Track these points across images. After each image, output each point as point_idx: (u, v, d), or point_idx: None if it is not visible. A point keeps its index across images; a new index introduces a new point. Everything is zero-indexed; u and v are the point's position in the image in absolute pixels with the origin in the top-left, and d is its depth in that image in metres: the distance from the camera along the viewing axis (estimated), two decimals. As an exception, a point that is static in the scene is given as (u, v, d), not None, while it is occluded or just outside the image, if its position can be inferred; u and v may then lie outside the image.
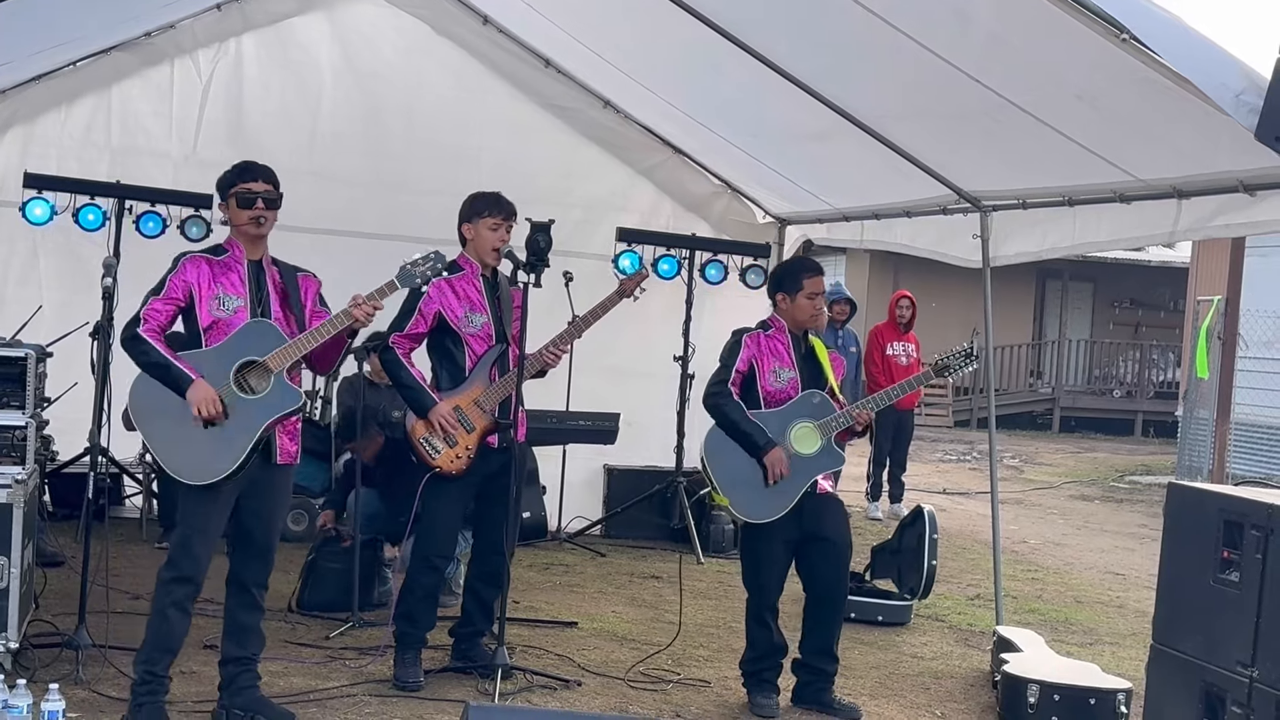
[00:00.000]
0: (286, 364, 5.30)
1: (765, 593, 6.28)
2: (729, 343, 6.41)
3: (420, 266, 5.55)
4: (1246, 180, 6.08)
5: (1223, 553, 5.21)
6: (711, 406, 6.25)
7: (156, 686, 5.30)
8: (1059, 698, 6.27)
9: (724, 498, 6.15)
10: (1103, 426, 26.72)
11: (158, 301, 5.26)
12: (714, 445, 6.23)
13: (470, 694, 6.00)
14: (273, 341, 5.31)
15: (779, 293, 6.43)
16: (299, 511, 9.39)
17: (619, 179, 10.83)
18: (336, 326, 5.34)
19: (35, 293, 9.08)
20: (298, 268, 5.58)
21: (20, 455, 5.89)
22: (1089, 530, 13.84)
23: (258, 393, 5.27)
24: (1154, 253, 25.58)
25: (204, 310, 5.30)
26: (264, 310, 5.38)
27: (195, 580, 5.32)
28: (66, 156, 9.51)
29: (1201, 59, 4.73)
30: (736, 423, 6.19)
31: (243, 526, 5.42)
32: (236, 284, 5.36)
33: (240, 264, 5.40)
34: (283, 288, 5.46)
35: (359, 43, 10.20)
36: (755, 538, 6.25)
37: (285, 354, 5.30)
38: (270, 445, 5.37)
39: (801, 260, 6.60)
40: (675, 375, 10.20)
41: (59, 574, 7.16)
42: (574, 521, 10.40)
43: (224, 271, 5.37)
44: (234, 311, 5.32)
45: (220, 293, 5.32)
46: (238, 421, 5.24)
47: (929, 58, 6.50)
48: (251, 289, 5.38)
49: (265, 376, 5.28)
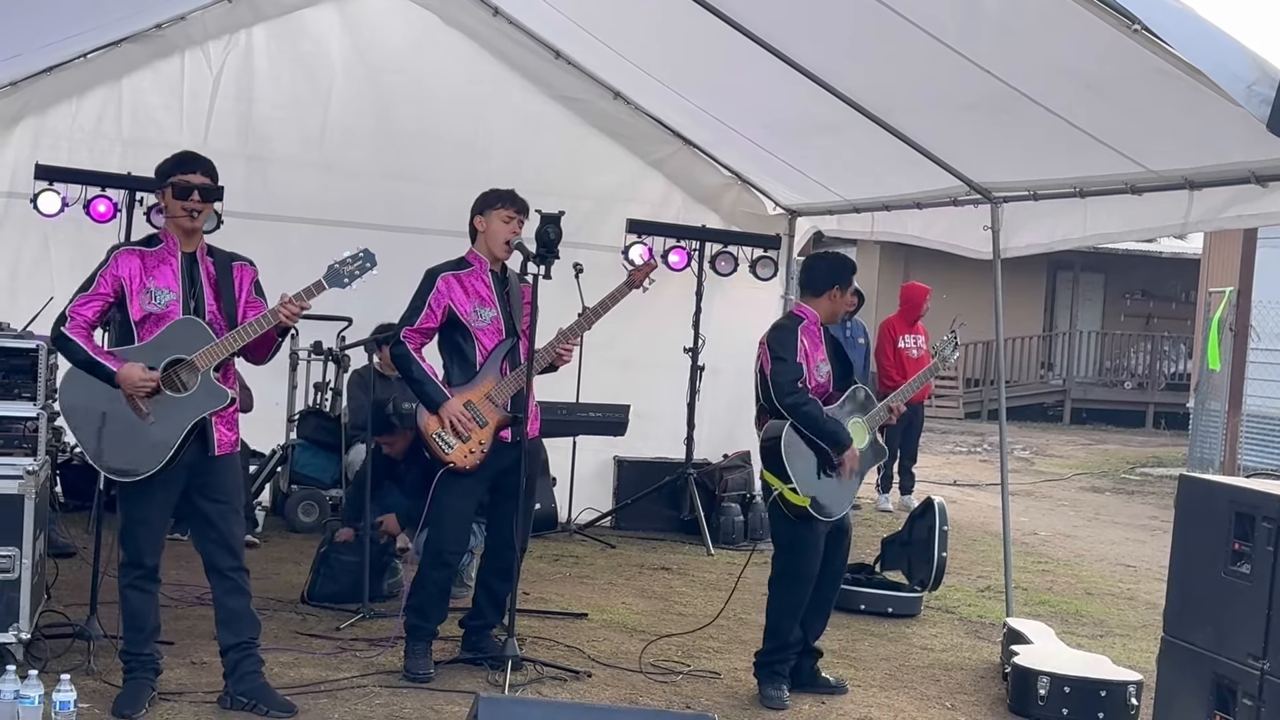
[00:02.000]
0: (213, 363, 5.33)
1: (810, 585, 6.32)
2: (780, 334, 6.32)
3: (349, 266, 5.51)
4: (1258, 171, 6.06)
5: (1234, 545, 5.21)
6: (791, 406, 6.15)
7: (135, 665, 5.44)
8: (1069, 689, 6.27)
9: (804, 498, 6.12)
10: (1114, 418, 26.68)
11: (84, 298, 5.33)
12: (792, 444, 6.17)
13: (480, 685, 6.01)
14: (201, 340, 5.33)
15: (835, 287, 6.39)
16: (309, 503, 9.41)
17: (629, 170, 10.82)
18: (262, 326, 5.36)
19: (47, 284, 9.08)
20: (234, 255, 5.59)
21: (32, 446, 5.89)
22: (1100, 522, 13.82)
23: (187, 389, 5.30)
24: (1165, 244, 25.52)
25: (135, 304, 5.33)
26: (197, 303, 5.39)
27: (143, 564, 5.43)
28: (78, 148, 9.54)
29: (1213, 49, 4.71)
30: (820, 421, 6.17)
31: (199, 518, 5.51)
32: (169, 277, 5.37)
33: (174, 256, 5.41)
34: (216, 280, 5.46)
35: (369, 35, 10.19)
36: (811, 532, 6.24)
37: (212, 353, 5.32)
38: (207, 438, 5.40)
39: (845, 257, 6.58)
40: (685, 367, 10.21)
41: (70, 565, 7.18)
42: (584, 513, 10.41)
43: (156, 264, 5.38)
44: (166, 306, 5.34)
45: (152, 285, 5.34)
46: (164, 419, 5.28)
47: (940, 49, 6.48)
48: (184, 282, 5.39)
49: (194, 374, 5.31)
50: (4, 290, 9.35)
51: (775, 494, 6.18)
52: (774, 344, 6.27)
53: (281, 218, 9.66)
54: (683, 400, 10.29)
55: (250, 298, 5.54)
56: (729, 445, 11.06)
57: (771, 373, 6.21)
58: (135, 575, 5.43)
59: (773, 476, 6.21)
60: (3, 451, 5.81)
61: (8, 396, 5.87)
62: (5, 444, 5.83)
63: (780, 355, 6.23)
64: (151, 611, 5.51)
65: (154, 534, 5.46)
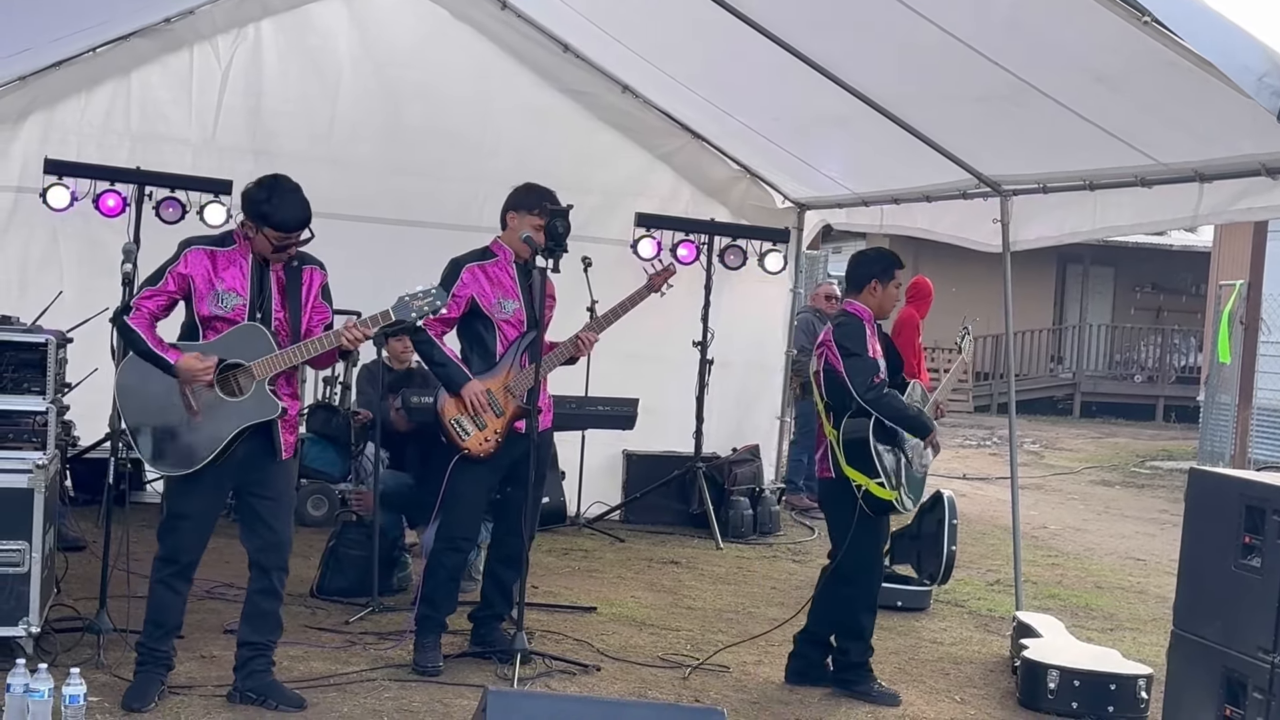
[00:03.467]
0: (271, 373, 5.32)
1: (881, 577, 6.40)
2: (847, 329, 6.25)
3: (419, 300, 5.51)
4: (1269, 164, 6.05)
5: (1244, 538, 5.19)
6: (874, 400, 6.09)
7: (148, 659, 5.43)
8: (1079, 683, 6.27)
9: (891, 492, 6.12)
10: (1124, 412, 26.62)
11: (151, 291, 5.33)
12: (878, 439, 6.13)
13: (489, 679, 6.01)
14: (263, 348, 5.33)
15: (874, 280, 6.34)
16: (318, 497, 9.42)
17: (638, 164, 10.82)
18: (324, 346, 5.37)
19: (56, 278, 9.10)
20: (305, 256, 5.55)
21: (41, 440, 5.91)
22: (1110, 516, 13.80)
23: (242, 394, 5.31)
24: (1175, 237, 25.46)
25: (203, 304, 5.33)
26: (264, 308, 5.38)
27: (180, 561, 5.42)
28: (86, 143, 9.54)
29: (1223, 41, 4.69)
30: (903, 410, 6.19)
31: (253, 515, 5.49)
32: (238, 280, 5.36)
33: (245, 259, 5.40)
34: (285, 286, 5.45)
35: (377, 29, 10.19)
36: (884, 526, 6.31)
37: (271, 364, 5.32)
38: (273, 442, 5.41)
39: (889, 252, 6.53)
40: (694, 360, 10.20)
41: (80, 559, 7.18)
42: (593, 507, 10.41)
43: (227, 265, 5.37)
44: (233, 309, 5.34)
45: (221, 288, 5.33)
46: (213, 421, 5.29)
47: (949, 41, 6.47)
48: (254, 287, 5.38)
49: (251, 381, 5.31)
50: (13, 285, 9.36)
51: (861, 491, 6.11)
52: (843, 340, 6.20)
53: (290, 212, 9.67)
54: (691, 394, 10.29)
55: (317, 302, 5.54)
56: (738, 439, 11.06)
57: (847, 369, 6.13)
58: (168, 572, 5.42)
59: (858, 473, 6.13)
60: (12, 445, 5.83)
61: (17, 391, 5.89)
62: (15, 438, 5.85)
63: (854, 351, 6.16)
64: (177, 610, 5.50)
65: (194, 532, 5.44)
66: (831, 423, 6.24)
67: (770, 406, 11.43)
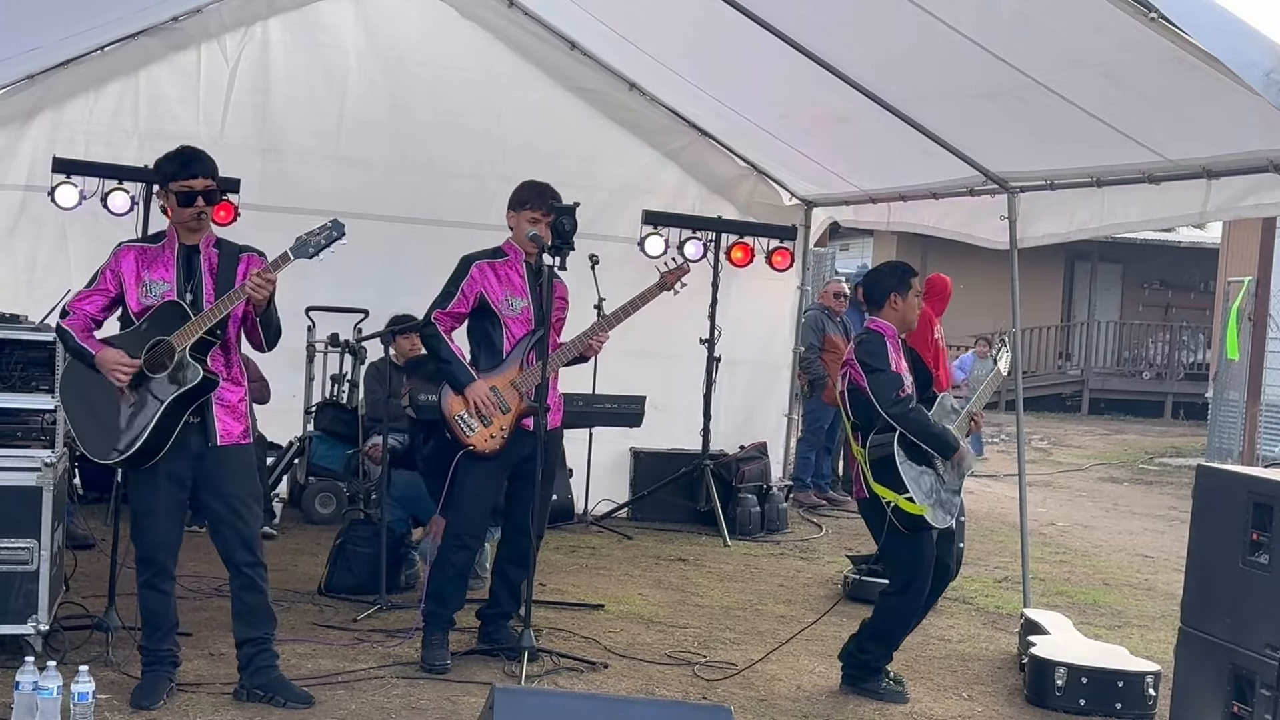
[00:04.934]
0: (189, 341, 5.28)
1: (924, 594, 6.30)
2: (869, 346, 6.19)
3: (316, 236, 5.42)
4: (1277, 160, 6.04)
5: (1252, 535, 5.18)
6: (899, 415, 6.03)
7: (153, 659, 5.46)
8: (1087, 680, 6.26)
9: (921, 507, 6.03)
10: (1132, 408, 26.59)
11: (86, 292, 5.41)
12: (904, 455, 6.06)
13: (497, 676, 6.01)
14: (181, 321, 5.32)
15: (892, 294, 6.27)
16: (326, 494, 9.43)
17: (645, 162, 10.82)
18: (232, 301, 5.31)
19: (64, 277, 9.06)
20: (245, 247, 5.57)
21: (49, 439, 5.92)
22: (1118, 513, 13.78)
23: (159, 371, 5.29)
24: (1184, 233, 25.43)
25: (133, 298, 5.38)
26: (194, 293, 5.38)
27: (155, 560, 5.42)
28: (94, 141, 9.56)
29: (1231, 37, 4.68)
30: (928, 426, 6.11)
31: (210, 513, 5.52)
32: (165, 270, 5.40)
33: (172, 251, 5.44)
34: (216, 269, 5.44)
35: (384, 27, 10.20)
36: (926, 543, 6.15)
37: (188, 331, 5.29)
38: (206, 427, 5.39)
39: (900, 263, 6.47)
40: (701, 358, 10.20)
41: (89, 556, 7.20)
42: (600, 504, 10.41)
43: (155, 258, 5.43)
44: (161, 297, 5.36)
45: (148, 279, 5.38)
46: (141, 400, 5.30)
47: (956, 38, 6.46)
48: (180, 272, 5.40)
49: (167, 356, 5.29)
50: (21, 283, 9.39)
51: (891, 507, 6.05)
52: (865, 357, 6.14)
53: (297, 210, 9.63)
54: (699, 391, 10.29)
55: None
56: (745, 436, 11.06)
57: (870, 385, 6.07)
58: (149, 574, 5.43)
59: (886, 489, 6.06)
60: (20, 444, 5.84)
61: (25, 389, 5.90)
62: (23, 436, 5.87)
63: (876, 367, 6.10)
64: (168, 611, 5.51)
65: (163, 528, 5.42)
66: (859, 442, 6.21)
67: (778, 404, 11.42)
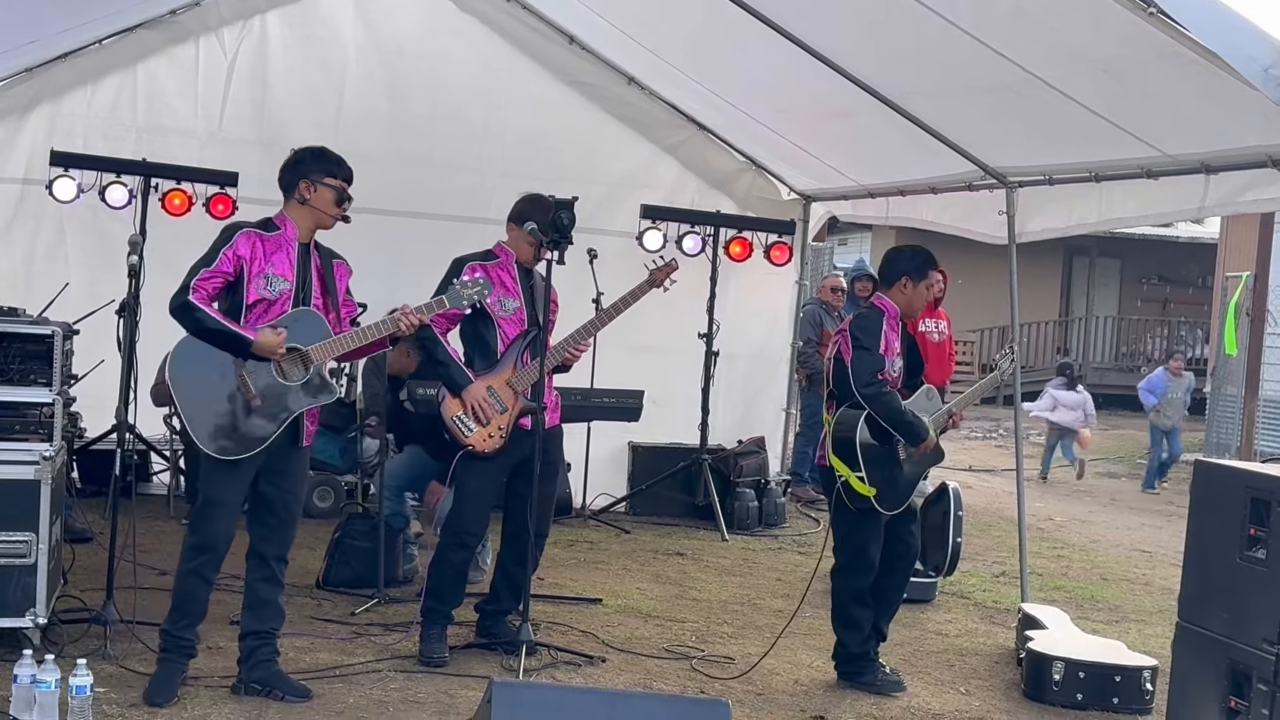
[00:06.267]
0: (328, 358, 5.35)
1: (873, 573, 6.30)
2: (865, 322, 6.22)
3: (469, 289, 5.69)
4: (1275, 155, 6.04)
5: (1249, 530, 5.18)
6: (871, 396, 6.06)
7: (172, 647, 5.40)
8: (1084, 675, 6.27)
9: (869, 488, 6.07)
10: (1130, 404, 26.53)
11: (207, 272, 5.24)
12: (866, 434, 6.10)
13: (495, 670, 6.02)
14: (319, 334, 5.33)
15: (904, 277, 6.28)
16: (324, 488, 9.43)
17: (643, 156, 10.81)
18: (380, 332, 5.40)
19: (62, 270, 9.12)
20: (333, 253, 5.58)
21: (48, 432, 5.91)
22: (1115, 507, 13.80)
23: (292, 379, 5.31)
24: (1182, 228, 25.40)
25: (251, 287, 5.29)
26: (305, 296, 5.37)
27: (213, 548, 5.39)
28: (93, 134, 9.55)
29: (1229, 32, 4.69)
30: (899, 413, 6.13)
31: (264, 502, 5.48)
32: (285, 266, 5.35)
33: (291, 245, 5.38)
34: (323, 274, 5.46)
35: (382, 19, 10.18)
36: (873, 523, 6.20)
37: (328, 349, 5.34)
38: (298, 428, 5.43)
39: (925, 250, 6.45)
40: (700, 352, 10.20)
41: (87, 550, 7.20)
42: (599, 499, 10.42)
43: (275, 250, 5.35)
44: (280, 294, 5.32)
45: (269, 271, 5.31)
46: (270, 404, 5.29)
47: (955, 33, 6.46)
48: (299, 272, 5.38)
49: (301, 365, 5.31)
50: (20, 276, 9.36)
51: (840, 481, 6.11)
52: (858, 331, 6.17)
53: (296, 204, 9.68)
54: (697, 386, 10.29)
55: (345, 297, 5.56)
56: (743, 431, 11.07)
57: (852, 360, 6.11)
58: (201, 560, 5.37)
59: (840, 463, 6.12)
60: (19, 437, 5.83)
61: (24, 382, 5.88)
62: (21, 429, 5.85)
63: (864, 345, 6.13)
64: (204, 599, 5.47)
65: (228, 519, 5.40)
66: (830, 412, 6.26)
67: (776, 398, 11.43)
